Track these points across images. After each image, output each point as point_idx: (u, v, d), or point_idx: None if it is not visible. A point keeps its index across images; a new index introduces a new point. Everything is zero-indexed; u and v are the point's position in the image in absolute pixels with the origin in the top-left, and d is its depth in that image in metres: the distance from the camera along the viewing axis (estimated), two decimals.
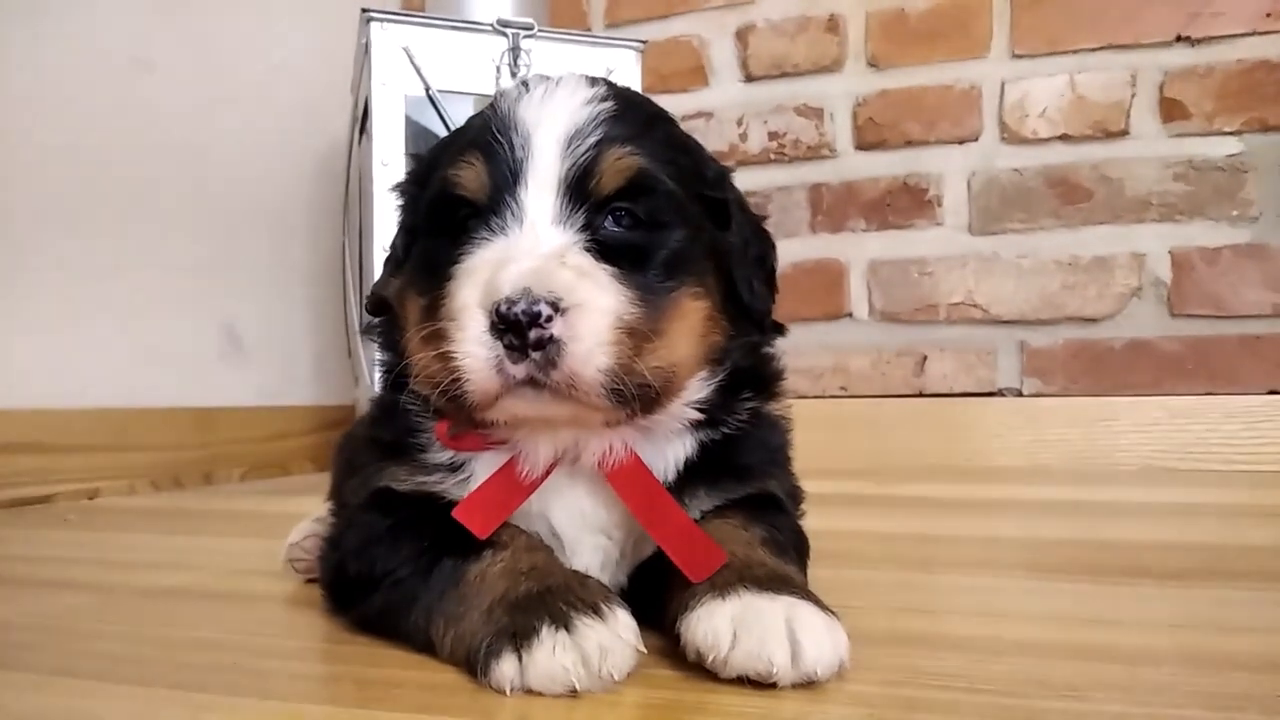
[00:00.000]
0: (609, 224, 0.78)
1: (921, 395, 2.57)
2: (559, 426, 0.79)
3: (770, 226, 0.94)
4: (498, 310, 0.71)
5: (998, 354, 2.52)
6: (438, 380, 0.75)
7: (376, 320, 0.92)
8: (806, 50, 2.68)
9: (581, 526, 0.84)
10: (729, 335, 0.84)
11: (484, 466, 0.83)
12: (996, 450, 2.46)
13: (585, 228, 0.77)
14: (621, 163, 0.78)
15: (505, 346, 0.71)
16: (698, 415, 0.84)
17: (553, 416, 0.75)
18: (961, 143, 2.55)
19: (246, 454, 2.54)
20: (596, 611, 0.69)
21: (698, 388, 0.83)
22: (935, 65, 2.57)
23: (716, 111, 2.76)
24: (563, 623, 0.67)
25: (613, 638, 0.68)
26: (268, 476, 2.56)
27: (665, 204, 0.80)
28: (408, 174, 0.92)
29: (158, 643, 0.86)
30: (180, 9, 2.42)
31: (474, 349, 0.72)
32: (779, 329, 0.91)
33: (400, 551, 0.80)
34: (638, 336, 0.73)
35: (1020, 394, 2.50)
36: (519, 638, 0.67)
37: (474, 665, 0.69)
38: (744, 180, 0.91)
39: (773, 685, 0.66)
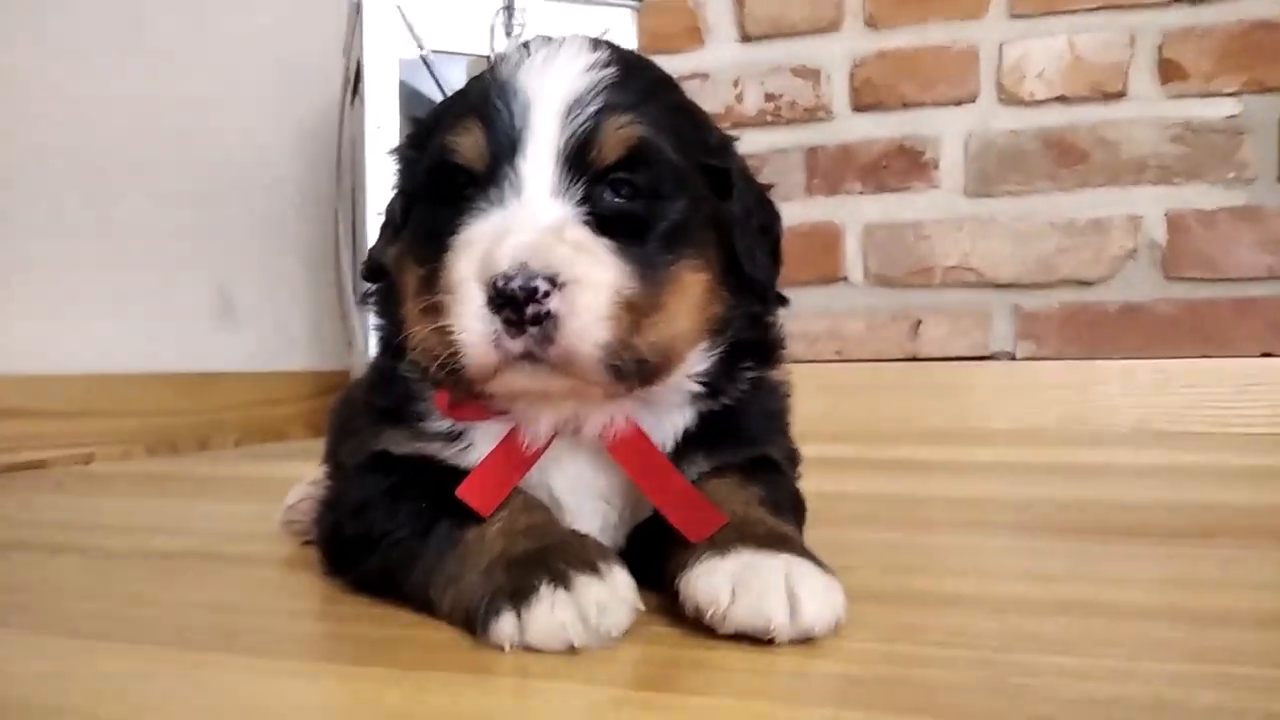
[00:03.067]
0: (608, 195, 0.76)
1: (916, 359, 2.57)
2: (558, 399, 0.79)
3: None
4: (494, 285, 0.70)
5: (992, 317, 2.52)
6: (436, 353, 0.74)
7: (373, 287, 0.92)
8: (803, 10, 2.65)
9: (582, 493, 0.84)
10: (730, 306, 0.83)
11: (484, 435, 0.83)
12: (990, 413, 2.47)
13: (585, 200, 0.75)
14: (622, 132, 0.76)
15: (503, 321, 0.70)
16: (699, 387, 0.84)
17: (551, 390, 0.75)
18: (959, 104, 2.53)
19: (241, 419, 2.54)
20: (594, 569, 0.69)
21: (699, 359, 0.82)
22: (933, 25, 2.55)
23: (712, 73, 2.74)
24: (561, 580, 0.68)
25: (611, 595, 0.68)
26: (263, 441, 2.56)
27: (666, 174, 0.78)
28: (406, 137, 0.91)
29: (155, 604, 0.86)
30: None
31: (471, 324, 0.71)
32: (781, 300, 0.90)
33: (398, 512, 0.80)
34: (636, 311, 0.73)
35: (1013, 357, 2.51)
36: (518, 595, 0.67)
37: (473, 623, 0.69)
38: (740, 143, 0.90)
39: (770, 641, 0.67)
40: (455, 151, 0.78)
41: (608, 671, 0.64)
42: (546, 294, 0.70)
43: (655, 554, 0.80)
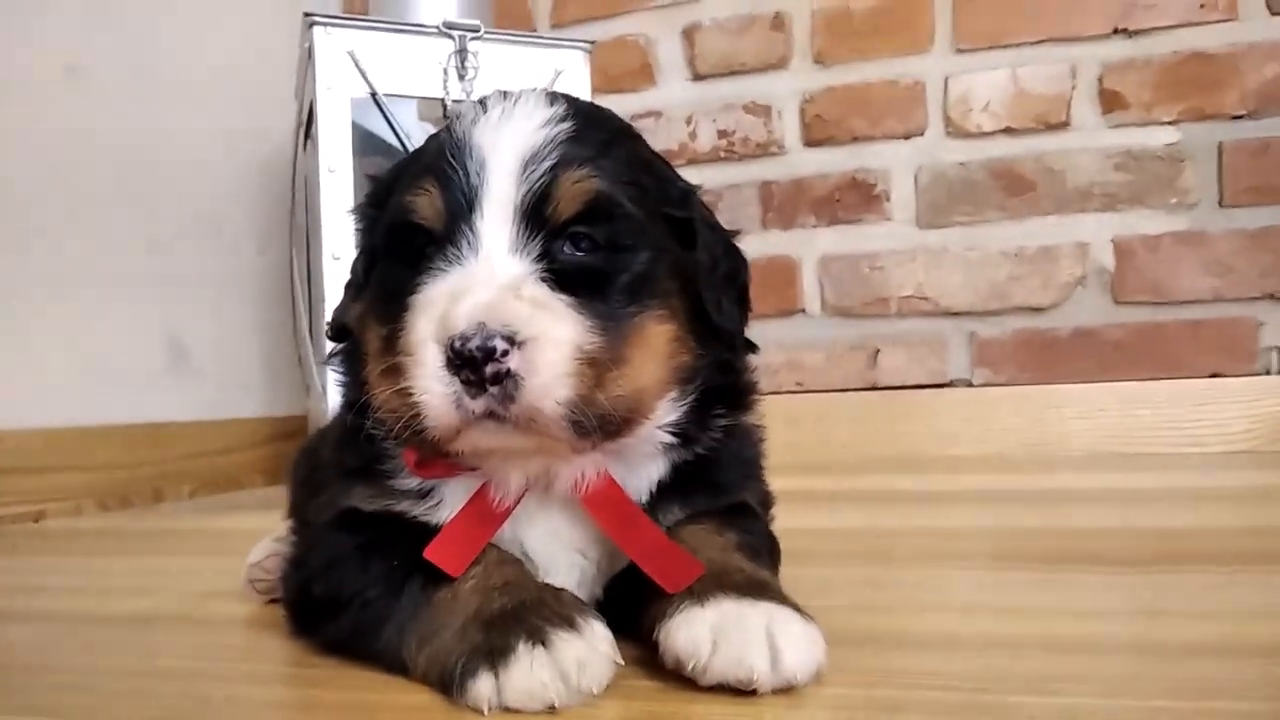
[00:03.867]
0: (568, 249, 0.76)
1: (875, 388, 2.59)
2: (526, 456, 0.78)
3: (723, 224, 0.93)
4: (452, 346, 0.69)
5: (948, 346, 2.55)
6: (399, 414, 0.73)
7: (337, 347, 0.90)
8: (753, 48, 2.69)
9: (557, 547, 0.83)
10: (698, 355, 0.82)
11: (453, 492, 0.82)
12: (949, 441, 2.49)
13: (543, 255, 0.75)
14: (579, 186, 0.76)
15: (462, 382, 0.70)
16: (670, 437, 0.83)
17: (516, 448, 0.74)
18: (907, 138, 2.57)
19: (196, 469, 2.48)
20: (572, 625, 0.68)
21: (669, 409, 0.82)
22: (880, 61, 2.60)
23: (665, 110, 2.76)
24: (539, 638, 0.67)
25: (590, 651, 0.67)
26: (219, 491, 2.50)
27: (625, 227, 0.78)
28: (366, 195, 0.90)
29: (113, 674, 0.83)
30: (115, 12, 2.36)
31: (431, 384, 0.71)
32: (751, 346, 0.90)
33: (368, 571, 0.79)
34: (599, 366, 0.72)
35: (970, 384, 2.54)
36: (495, 655, 0.66)
37: (449, 685, 0.68)
38: (694, 179, 0.90)
39: (752, 692, 0.66)
40: (413, 212, 0.78)
41: None
42: (505, 353, 0.69)
43: (633, 604, 0.79)
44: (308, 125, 2.25)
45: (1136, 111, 2.42)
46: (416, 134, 2.14)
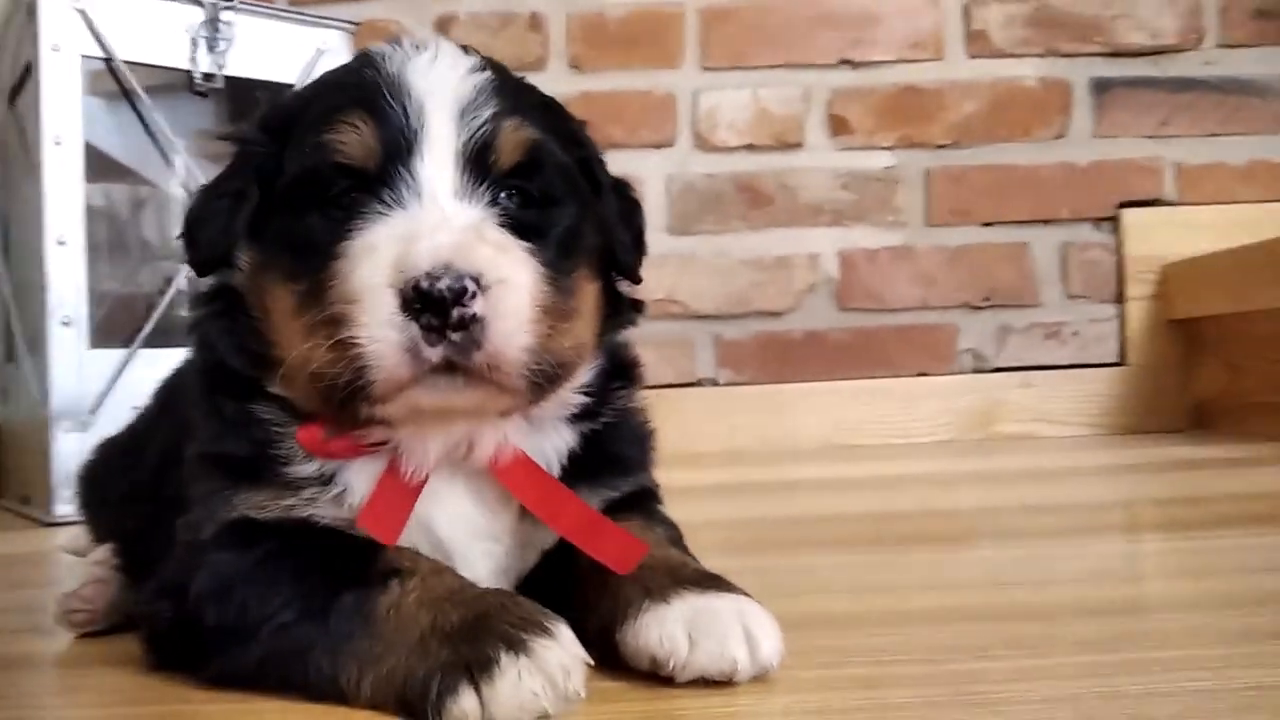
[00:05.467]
0: (503, 199, 0.75)
1: None
2: (456, 419, 0.74)
3: None
4: (416, 287, 0.66)
5: (695, 347, 2.68)
6: (329, 374, 0.68)
7: (202, 313, 0.80)
8: (509, 46, 2.67)
9: (468, 534, 0.79)
10: (611, 316, 0.84)
11: (358, 476, 0.76)
12: (696, 437, 2.61)
13: (490, 204, 0.73)
14: (517, 135, 0.76)
15: (422, 327, 0.66)
16: (584, 401, 0.82)
17: (458, 406, 0.72)
18: (659, 148, 2.68)
19: None
20: (544, 630, 0.66)
21: (583, 373, 0.81)
22: (634, 71, 2.68)
23: None
24: (519, 647, 0.63)
25: (567, 654, 0.65)
26: None
27: (557, 180, 0.78)
28: (260, 128, 0.81)
29: None
30: None
31: (383, 332, 0.67)
32: (639, 307, 0.91)
33: (278, 591, 0.71)
34: (553, 315, 0.72)
35: (716, 383, 2.68)
36: (474, 668, 0.62)
37: (415, 704, 0.63)
38: None
39: (727, 682, 0.67)
40: (338, 151, 0.73)
41: None
42: (473, 295, 0.67)
43: (558, 605, 0.77)
44: (19, 84, 1.95)
45: (860, 136, 2.68)
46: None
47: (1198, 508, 1.48)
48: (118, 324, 1.98)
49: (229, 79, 1.97)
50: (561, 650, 0.65)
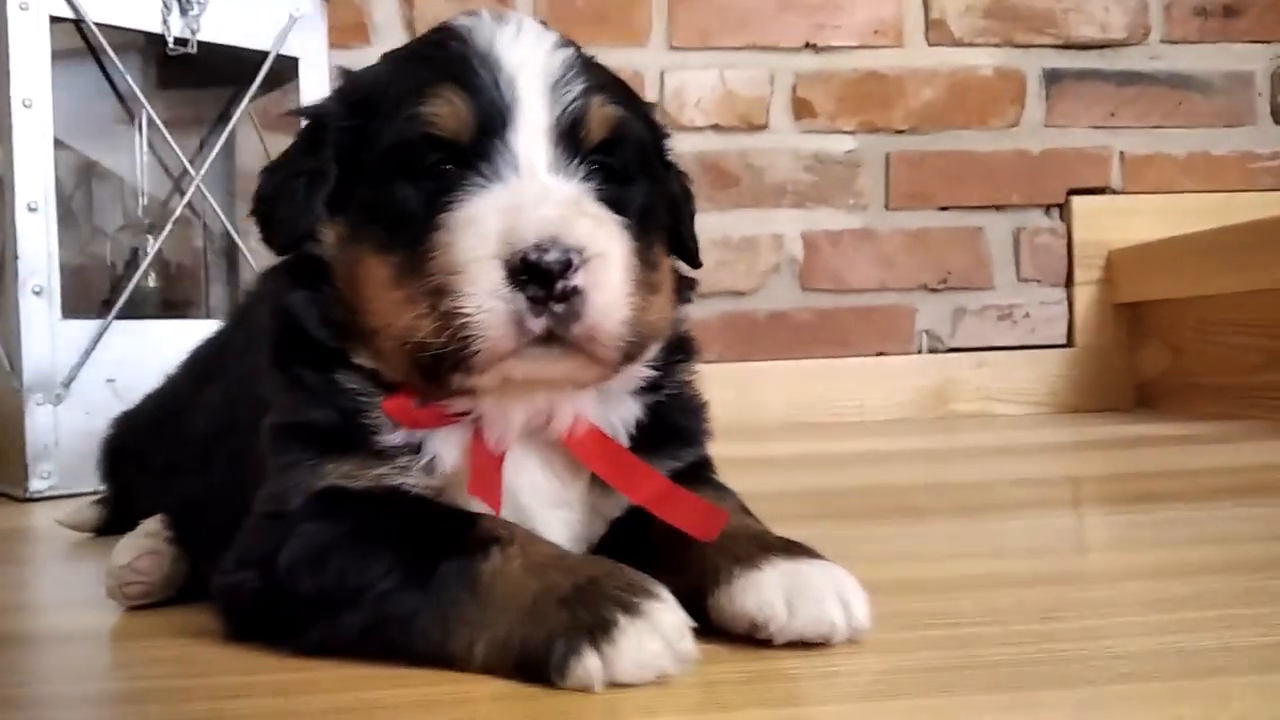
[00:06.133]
0: (590, 175, 0.76)
1: None
2: (544, 389, 0.76)
3: None
4: (524, 259, 0.67)
5: None
6: (430, 343, 0.69)
7: (284, 287, 0.80)
8: None
9: (545, 501, 0.81)
10: (682, 293, 0.87)
11: (443, 446, 0.77)
12: None
13: (582, 179, 0.75)
14: (604, 112, 0.77)
15: (528, 299, 0.68)
16: (650, 374, 0.84)
17: (550, 377, 0.74)
18: None
19: None
20: (653, 594, 0.67)
21: (653, 348, 0.83)
22: (601, 48, 2.64)
23: None
24: (635, 611, 0.65)
25: (677, 617, 0.67)
26: None
27: (636, 157, 0.80)
28: (339, 102, 0.80)
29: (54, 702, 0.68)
30: None
31: (490, 303, 0.68)
32: (693, 285, 0.92)
33: (375, 560, 0.71)
34: (642, 289, 0.74)
35: None
36: (596, 631, 0.64)
37: (535, 667, 0.64)
38: None
39: (821, 644, 0.70)
40: (432, 124, 0.74)
41: (710, 696, 0.63)
42: (575, 269, 0.68)
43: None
44: None
45: (823, 120, 2.73)
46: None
47: (1145, 483, 1.57)
48: (82, 294, 1.92)
49: (202, 44, 1.91)
50: (672, 613, 0.67)
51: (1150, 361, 2.70)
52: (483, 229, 0.70)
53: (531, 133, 0.74)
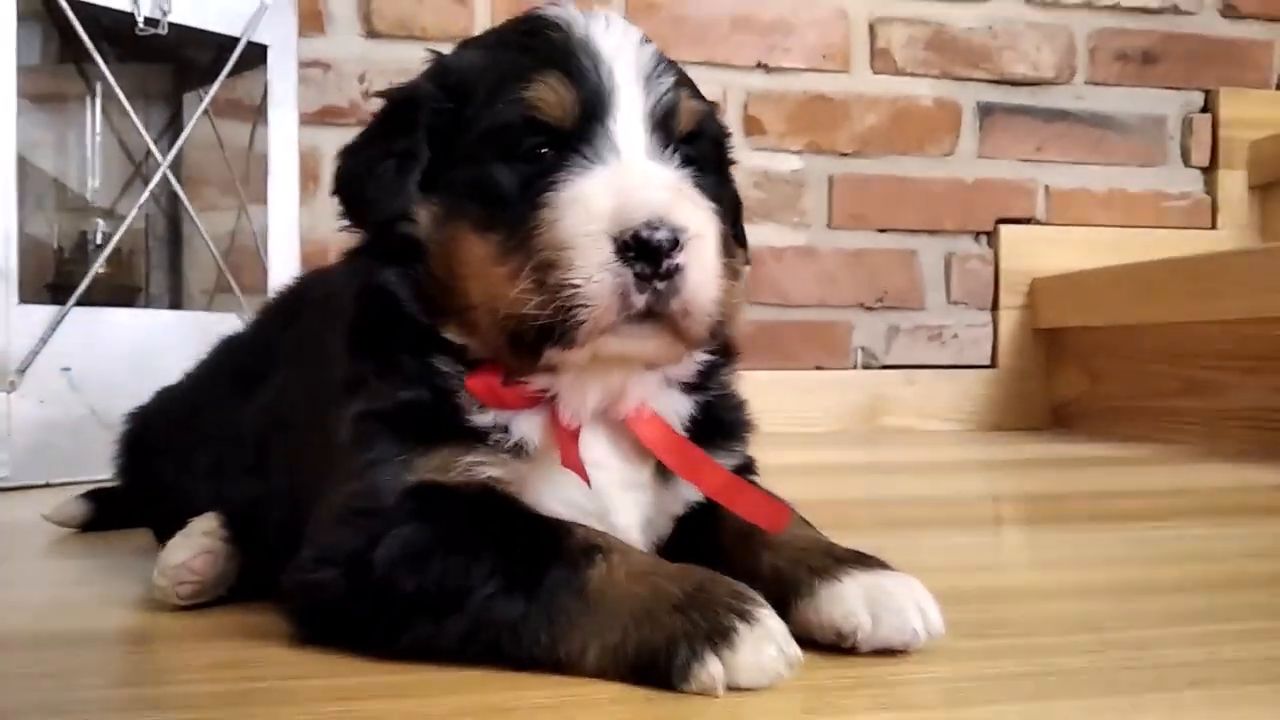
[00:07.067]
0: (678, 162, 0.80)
1: None
2: (626, 367, 0.79)
3: None
4: (636, 236, 0.71)
5: None
6: (534, 316, 0.72)
7: (375, 267, 0.81)
8: (434, 16, 2.63)
9: (617, 483, 0.84)
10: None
11: (526, 426, 0.80)
12: None
13: (681, 164, 0.79)
14: (692, 104, 0.82)
15: (635, 275, 0.71)
16: (699, 370, 0.88)
17: (639, 353, 0.77)
18: None
19: None
20: (757, 601, 0.70)
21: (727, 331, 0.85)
22: None
23: (334, 64, 2.58)
24: (751, 617, 0.68)
25: (782, 624, 0.70)
26: None
27: (712, 150, 0.86)
28: (436, 85, 0.82)
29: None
30: None
31: (599, 275, 0.71)
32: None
33: (479, 563, 0.72)
34: (726, 272, 0.78)
35: None
36: (715, 636, 0.66)
37: (653, 672, 0.67)
38: None
39: (900, 651, 0.74)
40: (537, 108, 0.76)
41: (823, 700, 0.67)
42: (680, 248, 0.72)
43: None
44: None
45: (772, 138, 2.80)
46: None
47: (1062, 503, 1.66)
48: (36, 278, 1.84)
49: (171, 25, 1.85)
50: (778, 620, 0.70)
51: (1067, 385, 2.86)
52: (593, 207, 0.73)
53: (630, 119, 0.77)
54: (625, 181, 0.74)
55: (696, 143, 0.82)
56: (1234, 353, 2.31)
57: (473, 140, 0.78)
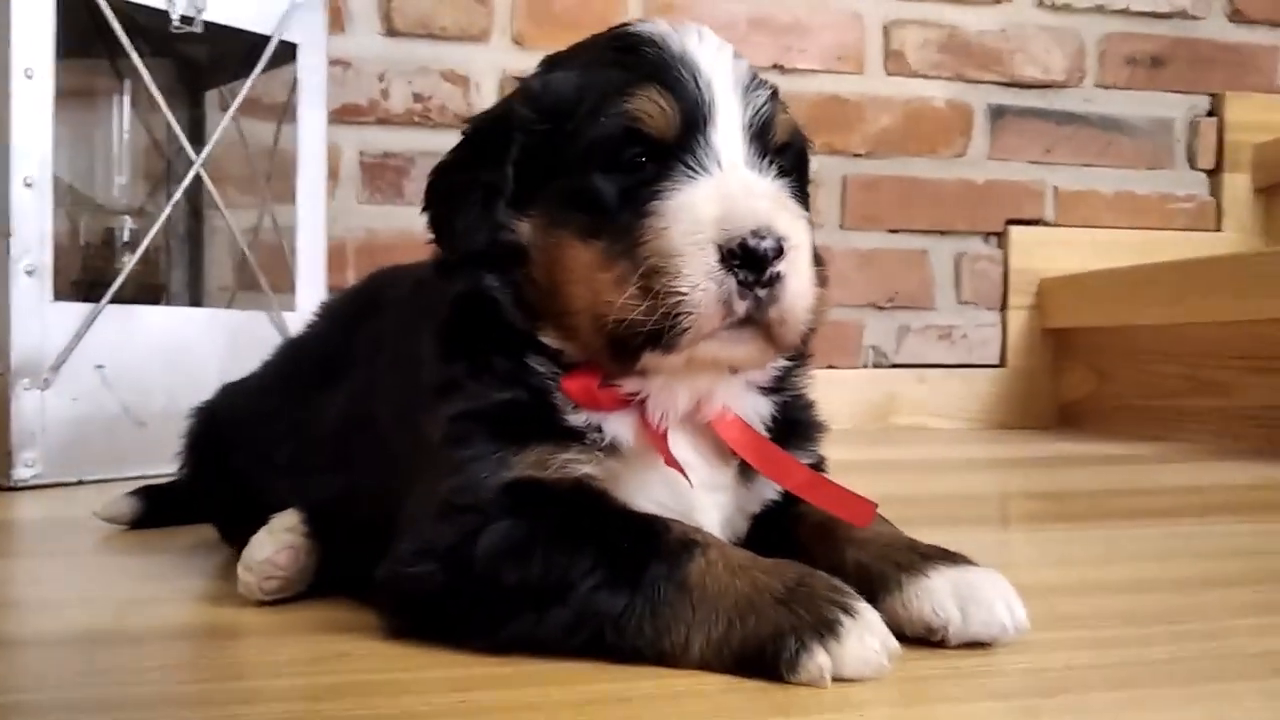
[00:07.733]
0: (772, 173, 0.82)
1: None
2: (717, 371, 0.81)
3: (409, 195, 1.00)
4: (743, 244, 0.73)
5: None
6: (639, 322, 0.74)
7: (476, 274, 0.83)
8: (453, 14, 2.63)
9: (702, 483, 0.85)
10: None
11: (618, 427, 0.82)
12: None
13: (779, 175, 0.81)
14: (786, 118, 0.85)
15: (738, 282, 0.73)
16: (787, 364, 0.90)
17: (734, 358, 0.79)
18: None
19: None
20: (855, 596, 0.72)
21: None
22: None
23: (355, 62, 2.58)
24: (853, 610, 0.70)
25: (880, 618, 0.72)
26: None
27: (799, 163, 0.88)
28: (530, 107, 0.83)
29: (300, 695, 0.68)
30: None
31: (706, 283, 0.73)
32: None
33: (581, 556, 0.74)
34: (817, 281, 0.81)
35: None
36: (821, 629, 0.68)
37: (760, 663, 0.69)
38: (387, 141, 0.97)
39: (987, 644, 0.76)
40: (640, 120, 0.78)
41: (926, 690, 0.69)
42: (782, 256, 0.74)
43: None
44: None
45: None
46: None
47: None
48: (69, 275, 1.85)
49: (207, 23, 1.86)
50: (877, 613, 0.72)
51: (1074, 384, 2.90)
52: (699, 216, 0.75)
53: (730, 131, 0.79)
54: (729, 191, 0.76)
55: (787, 154, 0.84)
56: (1239, 353, 2.36)
57: (575, 153, 0.80)
